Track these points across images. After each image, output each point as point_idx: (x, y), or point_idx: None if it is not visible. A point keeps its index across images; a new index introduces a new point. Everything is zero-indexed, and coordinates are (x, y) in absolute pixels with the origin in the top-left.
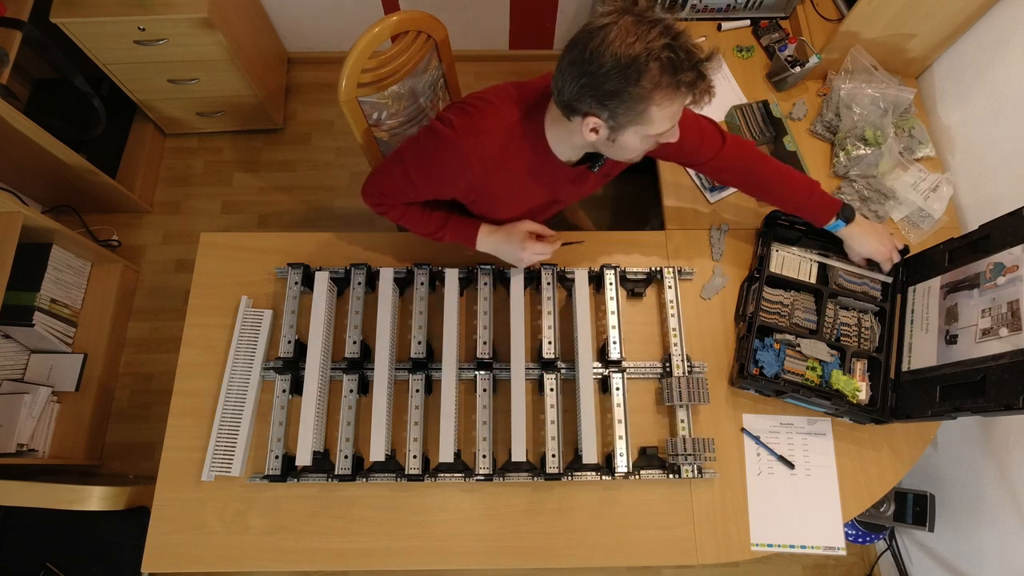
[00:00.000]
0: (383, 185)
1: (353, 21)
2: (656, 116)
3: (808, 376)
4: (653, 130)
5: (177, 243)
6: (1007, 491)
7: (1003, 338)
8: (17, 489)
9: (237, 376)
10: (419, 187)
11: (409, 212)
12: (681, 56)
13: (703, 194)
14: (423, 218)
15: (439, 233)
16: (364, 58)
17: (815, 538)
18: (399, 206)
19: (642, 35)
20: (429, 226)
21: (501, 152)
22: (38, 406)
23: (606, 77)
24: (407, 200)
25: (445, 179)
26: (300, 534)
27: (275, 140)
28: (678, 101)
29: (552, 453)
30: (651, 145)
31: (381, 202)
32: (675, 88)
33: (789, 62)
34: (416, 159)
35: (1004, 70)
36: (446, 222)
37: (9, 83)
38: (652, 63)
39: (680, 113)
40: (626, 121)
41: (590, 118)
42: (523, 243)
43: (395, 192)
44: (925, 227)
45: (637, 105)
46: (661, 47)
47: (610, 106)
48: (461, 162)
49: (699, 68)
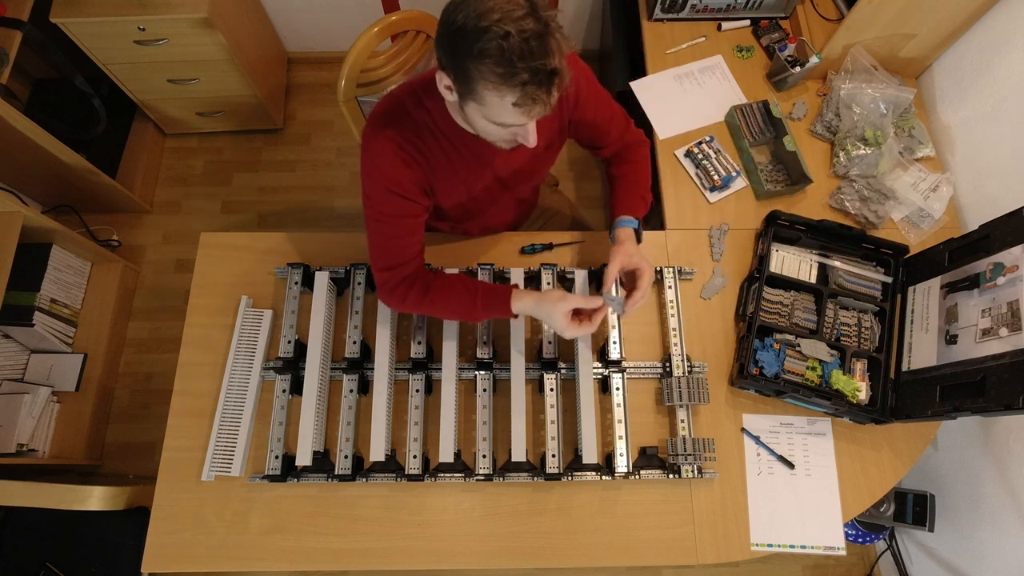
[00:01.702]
0: (380, 249)
1: (353, 21)
2: (490, 101)
3: (808, 376)
4: (493, 116)
5: (177, 243)
6: (1007, 491)
7: (1003, 338)
8: (17, 489)
9: (237, 376)
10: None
11: (435, 287)
12: (522, 50)
13: (703, 194)
14: (449, 289)
15: (474, 303)
16: (364, 58)
17: (815, 538)
18: (419, 278)
19: (505, 9)
20: (461, 298)
21: (414, 134)
22: (38, 406)
23: (453, 35)
24: (408, 248)
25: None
26: (300, 534)
27: (275, 140)
28: (508, 97)
29: (552, 453)
30: (506, 135)
31: (392, 279)
32: (506, 80)
33: (789, 62)
34: (371, 187)
35: (1004, 70)
36: (476, 292)
37: (9, 83)
38: (492, 43)
39: (526, 120)
40: (465, 92)
41: (442, 73)
42: (567, 322)
43: (393, 238)
44: (925, 227)
45: (471, 81)
46: (510, 31)
47: (452, 67)
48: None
49: (538, 71)
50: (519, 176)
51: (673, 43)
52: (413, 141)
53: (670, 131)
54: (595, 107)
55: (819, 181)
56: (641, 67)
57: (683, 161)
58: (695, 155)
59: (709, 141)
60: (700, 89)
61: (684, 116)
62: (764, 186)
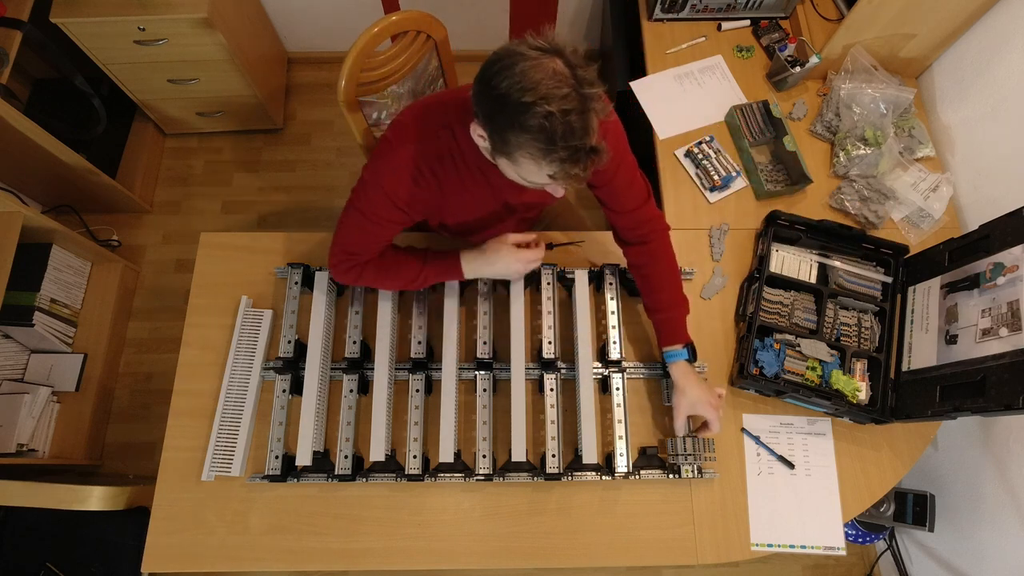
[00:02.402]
0: (351, 238)
1: (353, 21)
2: (524, 164)
3: (808, 376)
4: (524, 175)
5: (177, 243)
6: (1007, 491)
7: (1003, 338)
8: (17, 489)
9: (237, 376)
10: (389, 214)
11: (383, 264)
12: (563, 131)
13: (703, 194)
14: (398, 264)
15: (421, 274)
16: (364, 58)
17: (815, 538)
18: (371, 261)
19: (550, 86)
20: (408, 271)
21: (435, 157)
22: (38, 406)
23: (495, 100)
24: (378, 244)
25: (408, 191)
26: (300, 534)
27: (275, 140)
28: (544, 168)
29: (552, 453)
30: (536, 187)
31: (350, 261)
32: (544, 155)
33: (789, 62)
34: (371, 187)
35: (1004, 70)
36: (424, 261)
37: (9, 83)
38: (535, 120)
39: (567, 186)
40: (500, 152)
41: (476, 124)
42: (515, 255)
43: (369, 235)
44: (925, 227)
45: (507, 146)
46: (553, 111)
47: (489, 128)
48: (409, 173)
49: (577, 151)
50: (529, 205)
51: (673, 43)
52: (431, 164)
53: (670, 131)
54: (616, 165)
55: (819, 181)
56: (641, 67)
57: (683, 161)
58: (695, 155)
59: (709, 141)
60: (700, 89)
61: (684, 116)
62: (764, 186)
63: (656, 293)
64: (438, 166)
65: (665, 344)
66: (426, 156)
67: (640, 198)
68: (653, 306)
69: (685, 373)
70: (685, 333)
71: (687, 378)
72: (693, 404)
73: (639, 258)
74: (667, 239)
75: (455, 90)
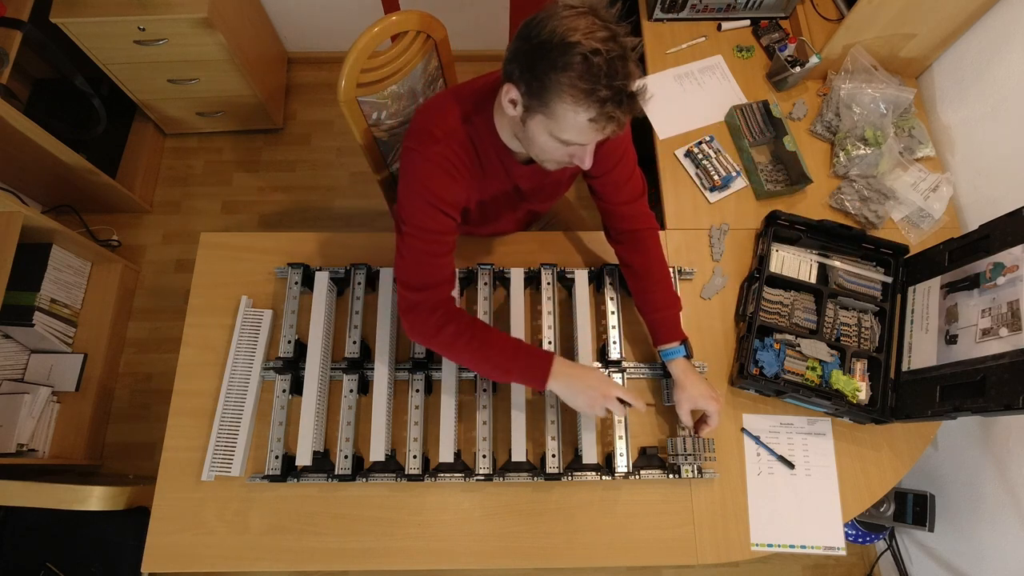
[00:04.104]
0: (414, 268)
1: (353, 21)
2: (562, 115)
3: (808, 376)
4: (559, 132)
5: (177, 243)
6: (1007, 491)
7: (1003, 338)
8: (17, 489)
9: (237, 376)
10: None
11: (475, 327)
12: (608, 69)
13: (703, 194)
14: (487, 333)
15: (516, 350)
16: (364, 58)
17: (815, 538)
18: (458, 317)
19: (588, 31)
20: (499, 341)
21: (460, 148)
22: (38, 406)
23: (535, 48)
24: (441, 269)
25: (447, 188)
26: (300, 534)
27: (275, 140)
28: (584, 112)
29: (552, 453)
30: (562, 155)
31: (425, 304)
32: (587, 95)
33: (789, 62)
34: (413, 201)
35: (1004, 70)
36: (518, 344)
37: (9, 83)
38: (578, 57)
39: (595, 138)
40: (536, 105)
41: (509, 85)
42: (607, 394)
43: (429, 256)
44: (925, 227)
45: (547, 93)
46: (596, 49)
47: (527, 80)
48: (443, 169)
49: (619, 92)
50: (540, 194)
51: (673, 43)
52: (458, 154)
53: (670, 131)
54: (619, 155)
55: (819, 181)
56: (641, 67)
57: (683, 161)
58: (695, 155)
59: (709, 141)
60: (700, 89)
61: (684, 116)
62: (764, 186)
63: (651, 292)
64: (464, 156)
65: (662, 342)
66: (452, 149)
67: (636, 192)
68: (649, 305)
69: (684, 369)
70: (681, 330)
71: (686, 374)
72: (694, 398)
73: (633, 257)
74: (658, 238)
75: (462, 84)
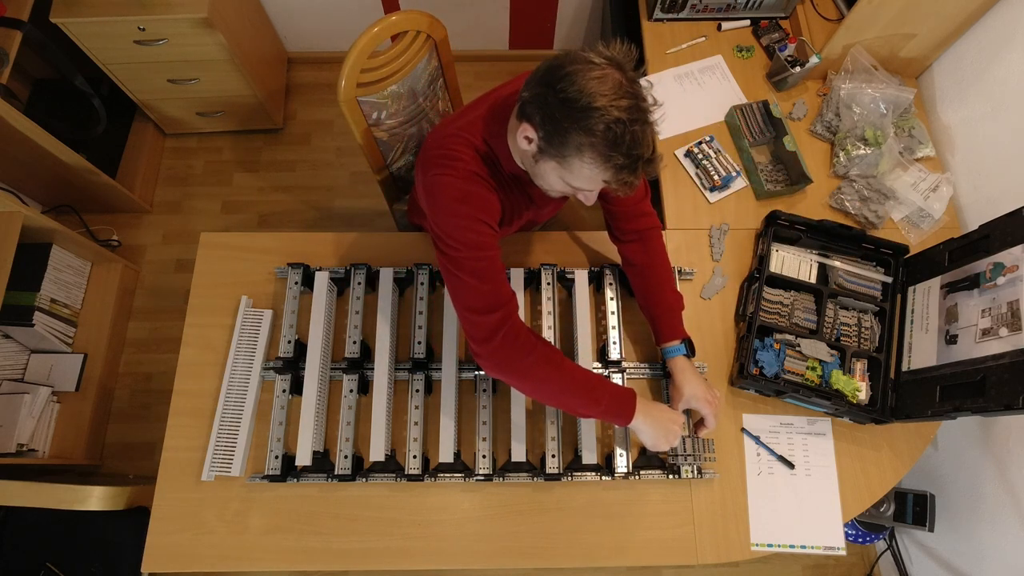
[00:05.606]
0: (476, 290)
1: (353, 21)
2: (577, 169)
3: (808, 376)
4: (570, 180)
5: (177, 243)
6: (1007, 491)
7: (1003, 338)
8: (17, 489)
9: (237, 376)
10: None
11: (565, 366)
12: (629, 140)
13: (703, 194)
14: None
15: (599, 384)
16: (364, 58)
17: (815, 538)
18: (540, 343)
19: (614, 96)
20: (581, 375)
21: (482, 165)
22: (38, 406)
23: (560, 103)
24: (503, 282)
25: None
26: (300, 534)
27: (275, 140)
28: (600, 173)
29: (552, 453)
30: (568, 192)
31: (502, 325)
32: (604, 160)
33: (789, 62)
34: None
35: (1004, 70)
36: (601, 384)
37: (9, 83)
38: (601, 125)
39: (601, 185)
40: (551, 153)
41: (528, 126)
42: (674, 434)
43: (488, 273)
44: (925, 227)
45: (565, 148)
46: (619, 119)
47: (547, 129)
48: (475, 183)
49: (636, 160)
50: (544, 208)
51: (673, 43)
52: (484, 168)
53: (670, 131)
54: None
55: (819, 181)
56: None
57: (683, 161)
58: (695, 155)
59: (709, 141)
60: (700, 89)
61: (684, 116)
62: (764, 186)
63: (655, 291)
64: (492, 170)
65: (664, 341)
66: (480, 164)
67: (640, 193)
68: (653, 304)
69: (683, 368)
70: (683, 329)
71: (684, 373)
72: (688, 399)
73: (637, 256)
74: (661, 236)
75: (466, 109)
